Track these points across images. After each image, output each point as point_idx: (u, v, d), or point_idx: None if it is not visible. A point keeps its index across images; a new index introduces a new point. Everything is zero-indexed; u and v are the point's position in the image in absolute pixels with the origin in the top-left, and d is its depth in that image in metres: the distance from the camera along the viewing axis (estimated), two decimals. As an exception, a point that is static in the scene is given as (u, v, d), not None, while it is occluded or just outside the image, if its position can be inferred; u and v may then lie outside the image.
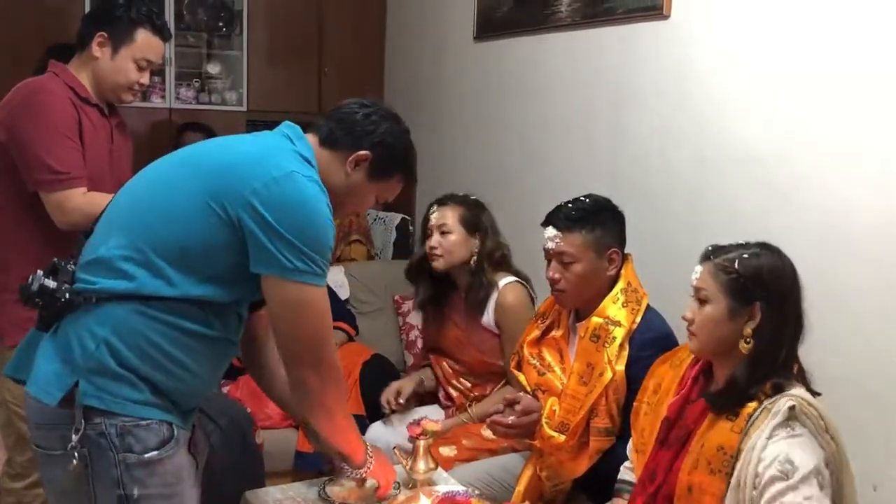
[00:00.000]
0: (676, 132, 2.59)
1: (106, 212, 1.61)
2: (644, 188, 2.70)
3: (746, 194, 2.35)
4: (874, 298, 2.03)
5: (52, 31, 3.80)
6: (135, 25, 2.18)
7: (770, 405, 1.54)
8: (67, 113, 2.09)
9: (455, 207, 2.57)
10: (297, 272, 1.47)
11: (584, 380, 2.00)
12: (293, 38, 4.37)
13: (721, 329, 1.61)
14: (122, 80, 2.19)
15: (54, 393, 1.45)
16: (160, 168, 1.62)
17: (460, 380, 2.67)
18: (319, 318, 1.55)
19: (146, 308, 1.47)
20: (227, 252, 1.48)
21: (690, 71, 2.53)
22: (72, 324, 1.49)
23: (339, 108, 1.67)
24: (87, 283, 1.50)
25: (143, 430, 1.47)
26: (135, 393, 1.47)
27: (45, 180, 2.04)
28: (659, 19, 2.61)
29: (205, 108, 4.27)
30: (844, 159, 2.08)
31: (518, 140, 3.39)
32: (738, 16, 2.36)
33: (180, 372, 1.51)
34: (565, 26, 3.05)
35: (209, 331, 1.53)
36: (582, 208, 2.07)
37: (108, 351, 1.46)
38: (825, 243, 2.13)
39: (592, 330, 2.02)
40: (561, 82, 3.12)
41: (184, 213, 1.48)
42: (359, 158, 1.62)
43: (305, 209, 1.47)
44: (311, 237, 1.48)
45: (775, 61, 2.25)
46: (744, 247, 1.65)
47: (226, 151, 1.56)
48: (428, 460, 1.93)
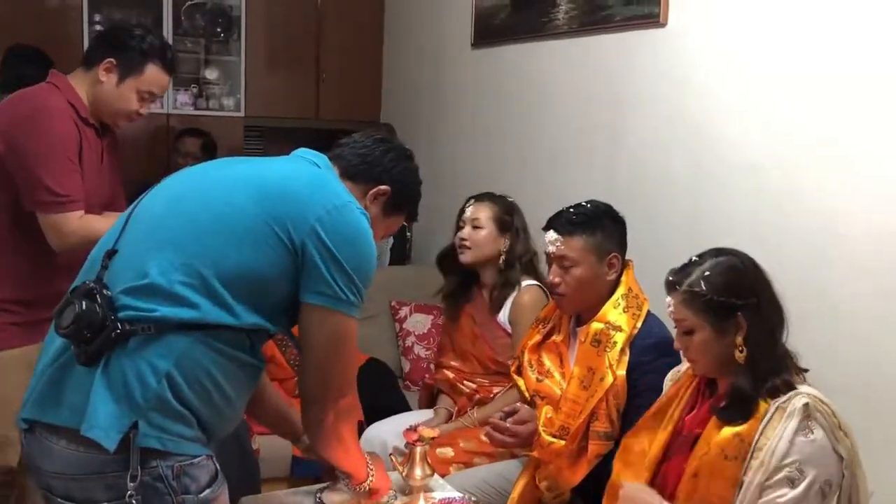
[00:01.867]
0: (673, 139, 2.60)
1: (134, 228, 1.50)
2: (641, 195, 2.71)
3: (743, 201, 2.36)
4: (870, 305, 2.03)
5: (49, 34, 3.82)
6: (145, 58, 2.15)
7: (784, 404, 1.54)
8: (70, 134, 2.06)
9: (490, 205, 2.64)
10: (347, 304, 1.46)
11: (585, 384, 2.00)
12: (291, 44, 4.38)
13: (716, 349, 1.62)
14: (122, 108, 2.17)
15: (114, 436, 1.32)
16: (204, 185, 1.53)
17: (465, 382, 2.68)
18: (354, 351, 1.56)
19: (208, 338, 1.39)
20: (285, 280, 1.44)
21: (687, 78, 2.54)
22: (126, 357, 1.36)
23: (357, 141, 1.67)
24: (141, 311, 1.37)
25: (196, 468, 1.40)
26: (188, 430, 1.39)
27: (44, 202, 2.02)
28: (656, 27, 2.62)
29: (202, 113, 4.27)
30: (840, 167, 2.09)
31: (515, 146, 3.39)
32: (734, 24, 2.37)
33: (223, 403, 1.45)
34: (563, 34, 3.06)
35: (252, 359, 1.49)
36: (583, 213, 2.08)
37: (168, 387, 1.36)
38: (821, 250, 2.13)
39: (593, 335, 2.02)
40: (558, 89, 3.12)
41: (251, 238, 1.42)
42: (378, 193, 1.63)
43: (362, 241, 1.48)
44: (364, 269, 1.48)
45: (771, 69, 2.26)
46: (699, 262, 1.64)
47: (284, 176, 1.52)
48: (424, 467, 1.92)
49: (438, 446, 2.38)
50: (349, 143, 1.67)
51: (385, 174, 1.64)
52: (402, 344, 3.49)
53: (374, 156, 1.64)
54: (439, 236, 2.84)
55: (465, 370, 2.69)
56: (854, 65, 2.05)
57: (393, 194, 1.64)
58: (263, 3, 4.31)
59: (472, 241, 2.60)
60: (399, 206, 1.68)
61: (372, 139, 1.68)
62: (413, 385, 3.32)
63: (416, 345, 3.41)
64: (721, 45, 2.42)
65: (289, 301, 1.47)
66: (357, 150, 1.65)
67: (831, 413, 1.54)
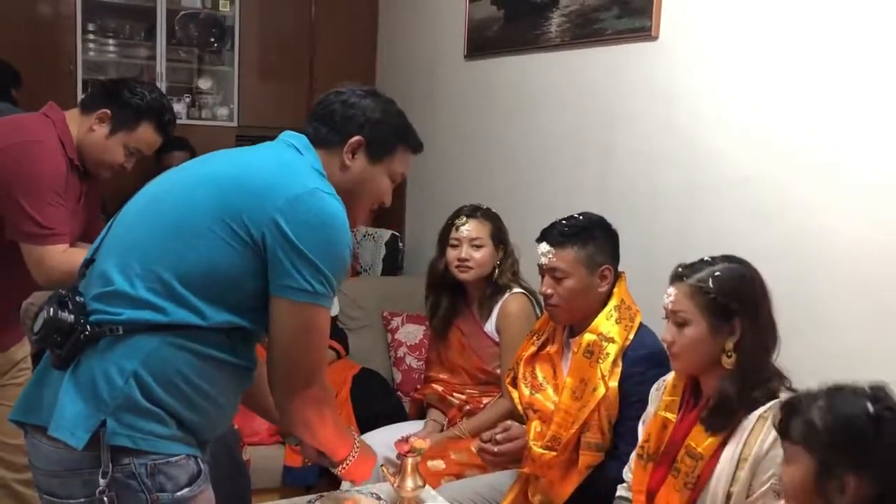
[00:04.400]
0: (664, 152, 2.61)
1: (109, 236, 1.52)
2: (632, 207, 2.72)
3: (733, 214, 2.37)
4: (859, 318, 2.04)
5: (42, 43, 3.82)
6: (140, 116, 2.14)
7: (765, 413, 1.56)
8: (59, 169, 2.05)
9: (485, 222, 2.64)
10: (312, 294, 1.42)
11: (577, 395, 2.01)
12: (285, 54, 4.39)
13: (704, 348, 1.64)
14: (107, 160, 2.16)
15: (81, 435, 1.35)
16: (172, 186, 1.53)
17: (454, 394, 2.68)
18: (322, 341, 1.50)
19: (177, 338, 1.40)
20: (251, 277, 1.42)
21: (678, 92, 2.55)
22: (95, 359, 1.39)
23: (317, 105, 1.62)
24: (109, 315, 1.40)
25: (173, 467, 1.40)
26: (162, 428, 1.39)
27: (28, 233, 2.01)
28: (647, 41, 2.64)
29: (195, 123, 4.27)
30: (830, 180, 2.11)
31: (507, 158, 3.40)
32: (725, 38, 2.39)
33: (205, 403, 1.45)
34: (555, 46, 3.08)
35: (234, 359, 1.47)
36: (575, 225, 2.10)
37: (136, 385, 1.37)
38: (810, 263, 2.15)
39: (586, 346, 2.03)
40: (550, 102, 3.14)
41: (208, 236, 1.41)
42: (353, 146, 1.57)
43: (329, 227, 1.43)
44: (332, 257, 1.43)
45: (763, 83, 2.28)
46: (711, 263, 1.67)
47: (244, 168, 1.50)
48: (416, 478, 1.92)
49: (430, 458, 2.38)
50: (312, 113, 1.62)
51: (349, 124, 1.57)
52: (393, 354, 3.48)
53: (331, 111, 1.58)
54: (431, 247, 2.84)
55: (454, 382, 2.70)
56: (845, 79, 2.07)
57: (369, 139, 1.57)
58: (257, 14, 4.32)
59: (474, 260, 2.59)
60: (385, 147, 1.60)
61: (329, 95, 1.62)
62: (405, 396, 3.32)
63: (408, 355, 3.41)
64: (712, 58, 2.43)
65: (264, 298, 1.44)
66: (317, 115, 1.60)
67: None
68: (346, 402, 2.95)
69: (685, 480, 1.62)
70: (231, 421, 1.64)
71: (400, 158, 1.63)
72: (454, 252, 2.62)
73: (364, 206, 1.65)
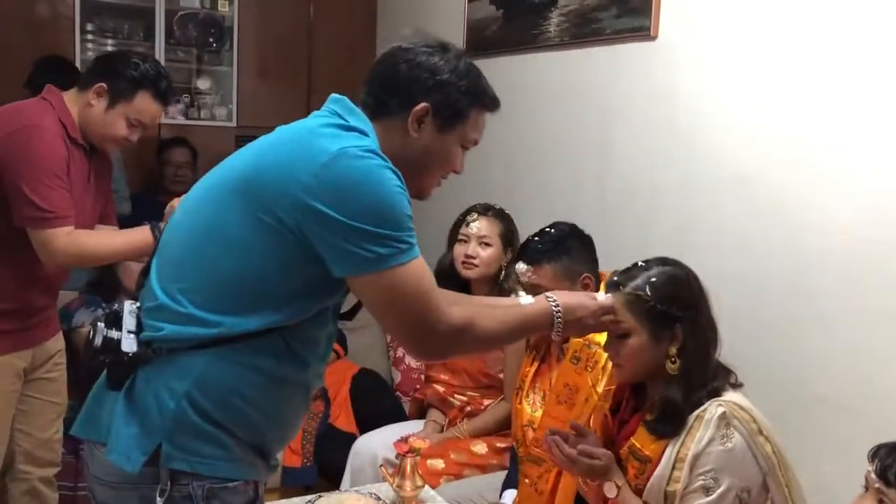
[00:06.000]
0: (663, 152, 2.61)
1: (158, 246, 1.45)
2: (631, 207, 2.72)
3: (731, 213, 2.37)
4: (857, 314, 2.04)
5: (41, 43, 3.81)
6: (136, 86, 2.13)
7: (702, 412, 1.55)
8: (58, 152, 2.05)
9: (496, 221, 2.62)
10: (383, 260, 1.26)
11: (561, 399, 2.01)
12: (283, 54, 4.39)
13: (647, 356, 1.60)
14: (109, 133, 2.15)
15: (137, 458, 1.30)
16: (204, 191, 1.42)
17: (456, 395, 2.67)
18: (418, 293, 1.30)
19: (226, 352, 1.31)
20: (299, 268, 1.30)
21: (677, 91, 2.55)
22: (147, 379, 1.33)
23: (378, 65, 1.43)
24: (155, 331, 1.33)
25: (230, 493, 1.34)
26: (220, 450, 1.33)
27: (30, 217, 2.01)
28: (646, 40, 2.64)
29: (194, 123, 4.27)
30: (830, 179, 2.11)
31: (505, 158, 3.40)
32: (724, 37, 2.39)
33: (261, 418, 1.36)
34: (554, 46, 3.08)
35: (292, 365, 1.37)
36: (548, 240, 2.09)
37: (190, 406, 1.31)
38: (810, 263, 2.15)
39: (573, 351, 2.03)
40: (549, 101, 3.14)
41: (240, 238, 1.30)
42: (418, 114, 1.38)
43: (365, 186, 1.25)
44: (383, 214, 1.26)
45: (761, 82, 2.28)
46: (645, 268, 1.62)
47: (265, 155, 1.35)
48: (415, 478, 1.92)
49: (429, 458, 2.37)
50: (372, 73, 1.43)
51: (414, 87, 1.38)
52: (392, 354, 3.48)
53: (395, 77, 1.39)
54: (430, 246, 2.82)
55: (456, 383, 2.69)
56: (843, 77, 2.07)
57: (436, 106, 1.38)
58: (255, 14, 4.32)
59: (480, 258, 2.57)
60: (457, 112, 1.41)
61: (392, 56, 1.42)
62: (404, 396, 3.32)
63: (408, 355, 3.41)
64: (711, 58, 2.44)
65: (319, 281, 1.31)
66: (377, 81, 1.42)
67: (750, 419, 1.55)
68: (346, 402, 2.95)
69: (635, 483, 1.60)
70: (296, 433, 1.56)
71: (472, 123, 1.45)
72: (461, 248, 2.60)
73: (433, 177, 1.49)
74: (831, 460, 2.02)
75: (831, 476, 1.95)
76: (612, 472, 1.61)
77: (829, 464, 2.01)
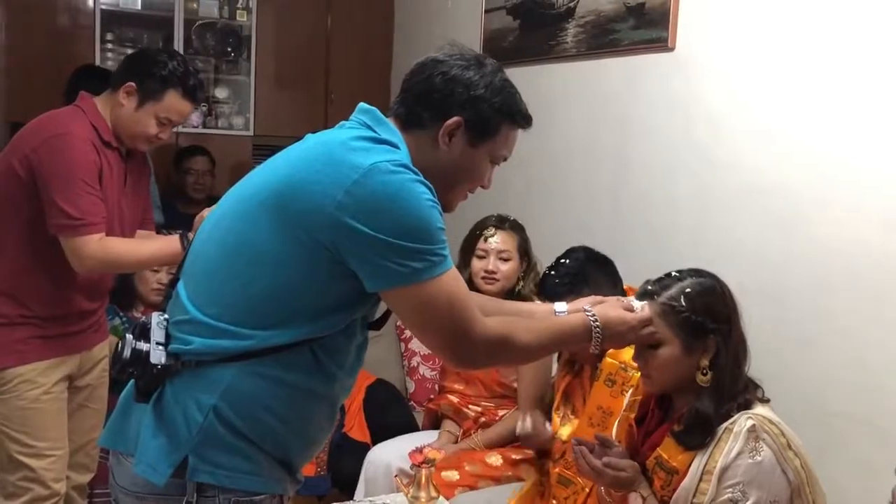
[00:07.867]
0: (680, 163, 2.60)
1: (186, 257, 1.45)
2: (646, 218, 2.71)
3: (749, 225, 2.36)
4: (875, 329, 2.02)
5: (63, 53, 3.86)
6: (165, 85, 2.15)
7: (731, 425, 1.54)
8: (89, 159, 2.07)
9: (513, 234, 2.60)
10: (417, 273, 1.26)
11: (593, 422, 1.99)
12: (300, 63, 4.41)
13: (678, 367, 1.59)
14: (139, 132, 2.18)
15: (163, 470, 1.30)
16: (233, 204, 1.41)
17: (470, 406, 2.66)
18: (452, 304, 1.31)
19: (255, 366, 1.31)
20: (333, 283, 1.30)
21: (695, 103, 2.54)
22: (174, 392, 1.33)
23: (412, 76, 1.42)
24: (184, 344, 1.34)
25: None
26: (247, 464, 1.33)
27: (61, 225, 2.04)
28: (664, 51, 2.64)
29: (211, 132, 4.30)
30: (849, 192, 2.09)
31: (521, 169, 3.39)
32: (742, 49, 2.38)
33: (288, 432, 1.36)
34: (571, 57, 3.08)
35: (320, 378, 1.37)
36: (564, 273, 2.07)
37: (217, 420, 1.31)
38: (827, 276, 2.13)
39: (607, 374, 2.00)
40: (565, 112, 3.14)
41: (271, 252, 1.30)
42: (450, 128, 1.38)
43: (399, 201, 1.25)
44: (416, 229, 1.26)
45: (778, 94, 2.27)
46: (679, 279, 1.62)
47: (296, 169, 1.33)
48: (430, 489, 1.92)
49: (443, 469, 2.37)
50: (407, 85, 1.42)
51: (448, 102, 1.37)
52: (407, 364, 3.48)
53: (430, 89, 1.38)
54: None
55: (470, 394, 2.68)
56: (863, 88, 2.06)
57: (469, 120, 1.38)
58: (273, 24, 4.35)
59: (501, 273, 2.55)
60: (488, 127, 1.41)
61: (428, 66, 1.40)
62: (418, 405, 3.31)
63: (422, 365, 3.40)
64: (728, 69, 2.43)
65: (350, 295, 1.32)
66: (413, 91, 1.40)
67: (780, 433, 1.54)
68: (360, 411, 2.95)
69: (661, 494, 1.59)
70: (321, 446, 1.56)
71: (503, 139, 1.45)
72: (480, 263, 2.58)
73: (461, 191, 1.48)
74: (853, 477, 2.00)
75: (853, 493, 1.93)
76: (637, 483, 1.61)
77: (849, 480, 1.98)
